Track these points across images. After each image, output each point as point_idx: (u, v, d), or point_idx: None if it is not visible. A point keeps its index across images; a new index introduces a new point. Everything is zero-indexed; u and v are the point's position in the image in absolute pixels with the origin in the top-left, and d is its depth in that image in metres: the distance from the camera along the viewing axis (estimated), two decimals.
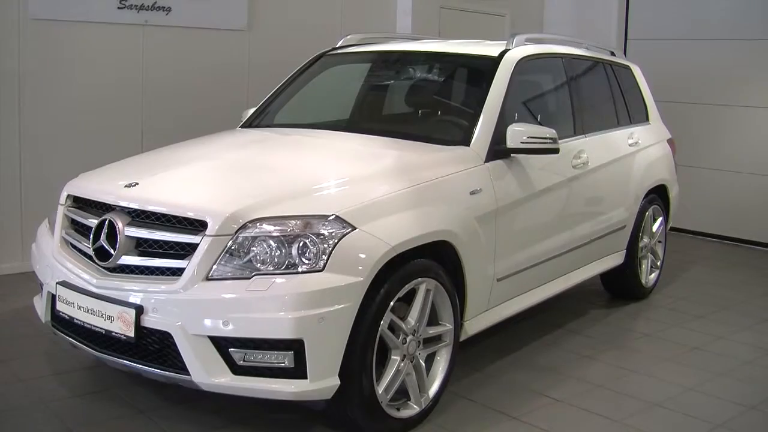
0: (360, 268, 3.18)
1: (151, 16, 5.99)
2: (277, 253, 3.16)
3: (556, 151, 4.12)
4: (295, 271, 3.13)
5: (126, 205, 3.42)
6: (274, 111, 4.88)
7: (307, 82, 4.97)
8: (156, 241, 3.31)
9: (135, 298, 3.23)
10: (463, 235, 3.70)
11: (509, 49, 4.47)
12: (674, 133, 7.28)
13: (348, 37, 5.16)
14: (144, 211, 3.37)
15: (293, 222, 3.20)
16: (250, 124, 4.83)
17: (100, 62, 5.87)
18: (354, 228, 3.22)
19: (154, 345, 3.24)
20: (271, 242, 3.17)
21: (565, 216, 4.62)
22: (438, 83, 4.80)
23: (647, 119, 5.81)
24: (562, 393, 4.05)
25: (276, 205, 3.27)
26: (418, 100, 4.75)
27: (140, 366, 3.30)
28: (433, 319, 3.68)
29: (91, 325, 3.35)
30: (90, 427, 3.52)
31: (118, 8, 5.85)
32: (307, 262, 3.14)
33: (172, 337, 3.16)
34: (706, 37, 7.69)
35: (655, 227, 5.73)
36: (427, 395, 3.63)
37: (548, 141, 4.07)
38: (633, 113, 5.60)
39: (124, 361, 3.34)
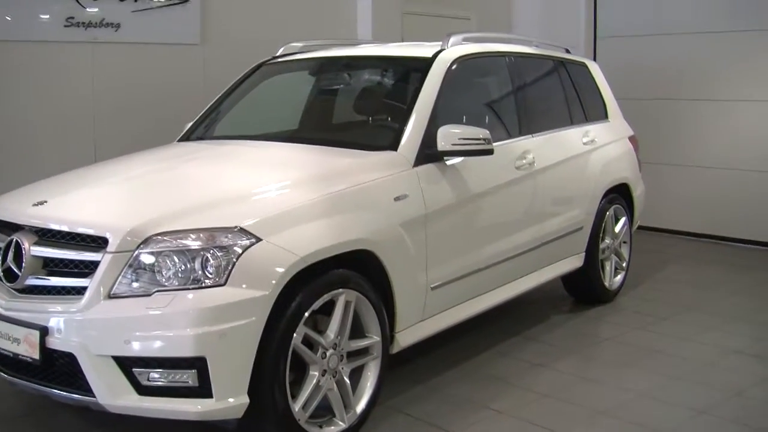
0: (265, 281, 3.05)
1: (99, 33, 5.90)
2: (181, 268, 3.04)
3: (490, 152, 3.97)
4: (198, 286, 3.01)
5: (31, 225, 3.32)
6: (213, 123, 4.77)
7: (246, 93, 4.86)
8: (62, 260, 3.21)
9: (40, 320, 3.12)
10: (386, 243, 3.56)
11: (444, 50, 4.34)
12: (647, 131, 7.16)
13: (288, 45, 5.04)
14: (49, 230, 3.27)
15: (195, 235, 3.08)
16: (187, 137, 4.72)
17: (49, 82, 5.79)
18: (259, 239, 3.10)
19: (61, 367, 3.13)
20: (174, 257, 3.05)
21: (510, 219, 4.47)
22: (372, 88, 4.67)
23: (606, 117, 5.64)
24: (505, 404, 3.88)
25: (180, 218, 3.15)
26: (351, 106, 4.62)
27: (49, 389, 3.19)
28: (361, 332, 3.55)
29: (0, 348, 3.24)
30: None
31: (65, 26, 5.76)
32: (210, 276, 3.02)
33: (76, 359, 3.04)
34: (675, 32, 7.52)
35: (617, 228, 5.55)
36: (354, 411, 3.48)
37: (481, 142, 3.93)
38: (589, 111, 5.44)
39: (33, 385, 3.23)
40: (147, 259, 3.05)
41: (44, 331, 3.08)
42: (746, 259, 6.94)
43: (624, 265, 5.67)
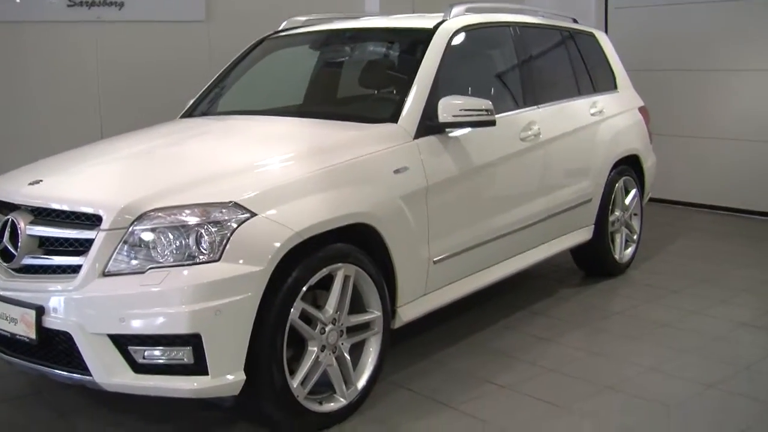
0: (260, 256, 3.01)
1: (103, 11, 5.88)
2: (176, 244, 3.01)
3: (492, 123, 3.90)
4: (192, 262, 2.98)
5: (26, 203, 3.30)
6: (215, 99, 4.73)
7: (249, 68, 4.81)
8: (57, 239, 3.19)
9: (36, 299, 3.11)
10: (385, 216, 3.50)
11: (446, 20, 4.26)
12: (661, 102, 7.03)
13: (291, 19, 4.98)
14: (45, 209, 3.25)
15: (189, 211, 3.04)
16: (190, 114, 4.68)
17: (54, 61, 5.79)
18: (254, 214, 3.06)
19: (58, 346, 3.12)
20: (168, 233, 3.02)
21: (515, 191, 4.40)
22: (373, 60, 4.59)
23: (615, 87, 5.53)
24: (510, 379, 3.83)
25: (174, 194, 3.11)
26: (352, 79, 4.56)
27: (46, 368, 3.18)
28: (362, 307, 3.51)
29: None
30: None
31: (68, 6, 5.76)
32: (204, 252, 2.99)
33: (72, 337, 3.03)
34: (689, 1, 7.34)
35: (628, 200, 5.45)
36: (354, 387, 3.45)
37: (483, 113, 3.86)
38: (597, 82, 5.33)
39: (31, 364, 3.22)
40: (141, 235, 3.02)
41: (40, 311, 3.07)
42: (762, 231, 6.81)
43: (635, 237, 5.58)
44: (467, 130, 3.97)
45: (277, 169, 3.35)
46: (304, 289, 3.18)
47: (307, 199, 3.24)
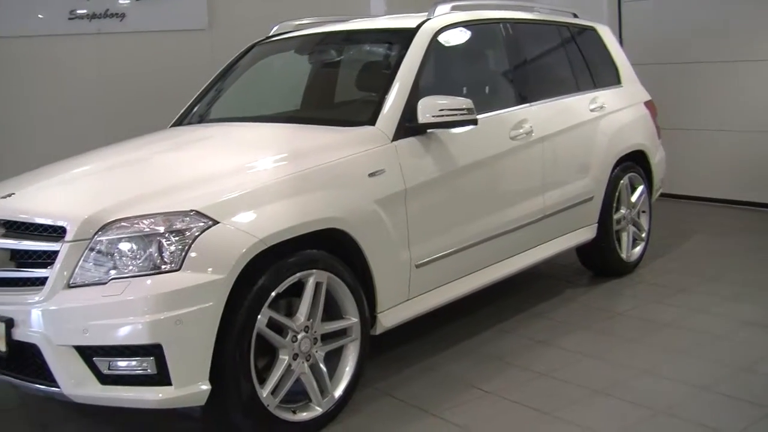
0: (222, 264, 2.97)
1: (104, 24, 5.92)
2: (138, 254, 2.99)
3: (473, 122, 3.81)
4: (154, 271, 2.95)
5: None
6: (206, 107, 4.71)
7: (240, 75, 4.78)
8: (26, 252, 3.19)
9: (6, 312, 3.10)
10: (359, 221, 3.43)
11: (429, 19, 4.17)
12: (675, 96, 6.83)
13: (282, 23, 4.95)
14: (15, 222, 3.25)
15: (151, 220, 3.02)
16: (180, 122, 4.67)
17: (56, 75, 5.83)
18: (216, 222, 3.01)
19: (28, 358, 3.12)
20: (132, 243, 3.00)
21: (505, 192, 4.29)
22: (357, 62, 4.52)
23: (618, 82, 5.37)
24: (497, 384, 3.72)
25: (138, 204, 3.09)
26: (336, 83, 4.51)
27: (17, 381, 3.19)
28: (339, 314, 3.44)
29: None
30: None
31: (69, 19, 5.80)
32: (166, 261, 2.96)
33: (39, 349, 3.02)
34: None
35: (634, 197, 5.28)
36: (331, 396, 3.38)
37: (464, 112, 3.76)
38: (599, 77, 5.17)
39: (3, 377, 3.22)
40: (104, 246, 3.00)
41: (10, 323, 3.07)
42: None
43: (643, 236, 5.40)
44: (452, 130, 3.87)
45: (244, 175, 3.30)
46: (273, 296, 3.13)
47: (273, 206, 3.19)
